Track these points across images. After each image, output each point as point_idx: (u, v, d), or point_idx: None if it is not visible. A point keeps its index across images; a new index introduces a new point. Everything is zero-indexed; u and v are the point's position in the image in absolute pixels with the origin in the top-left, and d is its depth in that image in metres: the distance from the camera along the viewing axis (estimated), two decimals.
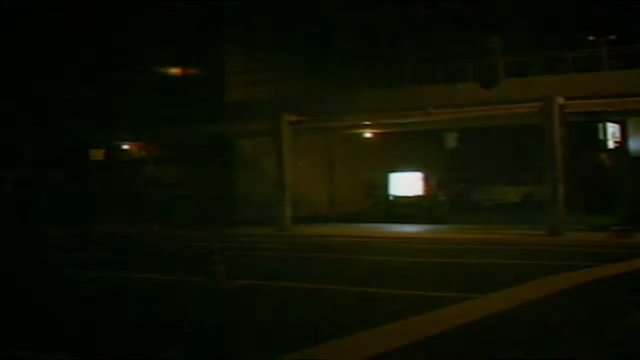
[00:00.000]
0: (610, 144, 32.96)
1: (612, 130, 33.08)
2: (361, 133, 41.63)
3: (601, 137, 32.67)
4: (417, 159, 42.91)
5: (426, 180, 40.92)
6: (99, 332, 12.99)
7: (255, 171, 41.34)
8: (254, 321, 13.82)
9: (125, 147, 46.03)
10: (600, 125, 32.72)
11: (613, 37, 32.97)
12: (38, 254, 27.02)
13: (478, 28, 36.79)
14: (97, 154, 45.89)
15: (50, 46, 44.58)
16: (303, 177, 38.61)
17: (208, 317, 14.21)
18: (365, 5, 42.43)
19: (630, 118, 35.28)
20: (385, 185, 41.58)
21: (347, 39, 44.15)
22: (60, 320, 14.05)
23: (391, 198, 41.38)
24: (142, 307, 15.57)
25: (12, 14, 44.24)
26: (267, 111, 36.70)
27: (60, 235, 35.00)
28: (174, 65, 45.23)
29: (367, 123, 38.26)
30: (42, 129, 44.11)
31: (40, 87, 44.64)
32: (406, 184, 41.18)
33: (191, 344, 11.87)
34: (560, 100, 31.10)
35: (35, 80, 44.61)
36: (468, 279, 19.02)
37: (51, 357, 11.29)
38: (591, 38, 33.56)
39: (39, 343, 12.10)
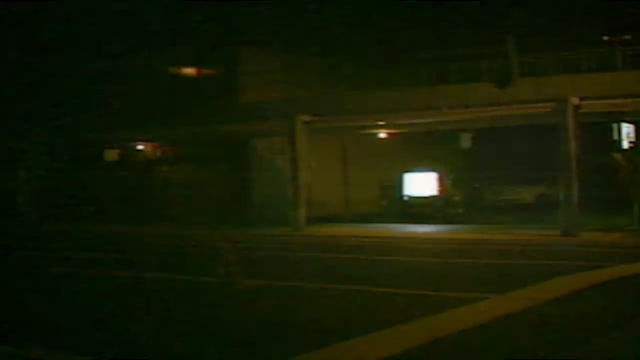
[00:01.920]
0: (625, 144, 32.91)
1: (627, 130, 33.05)
2: (376, 133, 41.65)
3: (616, 137, 32.64)
4: (432, 159, 42.87)
5: (440, 180, 40.87)
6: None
7: (270, 171, 41.40)
8: (265, 320, 13.91)
9: (140, 147, 46.15)
10: (615, 125, 32.69)
11: (628, 37, 32.95)
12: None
13: (492, 28, 36.73)
14: (112, 155, 46.04)
15: (64, 46, 44.73)
16: (318, 177, 38.63)
17: (224, 316, 14.30)
18: (379, 6, 42.43)
19: None
20: (399, 185, 41.55)
21: (362, 39, 44.13)
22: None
23: (406, 198, 41.35)
24: (155, 307, 15.67)
25: (24, 13, 44.35)
26: (282, 111, 36.73)
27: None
28: (188, 65, 45.33)
29: (382, 123, 38.29)
30: (55, 128, 44.31)
31: (54, 86, 44.84)
32: (420, 184, 41.14)
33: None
34: (575, 100, 31.05)
35: (46, 79, 44.81)
36: (483, 279, 19.03)
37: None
38: (605, 38, 33.54)
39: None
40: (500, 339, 11.89)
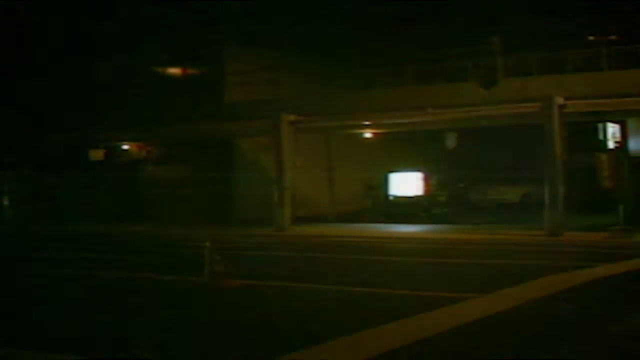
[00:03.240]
0: (611, 144, 32.91)
1: (612, 130, 33.05)
2: (361, 133, 41.60)
3: (601, 137, 32.64)
4: (417, 159, 42.85)
5: (426, 180, 40.85)
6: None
7: (255, 171, 41.29)
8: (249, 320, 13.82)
9: (125, 147, 45.99)
10: (601, 125, 32.70)
11: (613, 37, 32.96)
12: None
13: (478, 28, 36.74)
14: (97, 154, 45.84)
15: (49, 43, 44.54)
16: (302, 176, 38.56)
17: (205, 316, 14.21)
18: (365, 4, 42.39)
19: (630, 118, 35.27)
20: (384, 185, 41.52)
21: (347, 39, 44.06)
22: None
23: (391, 198, 41.32)
24: (139, 306, 15.57)
25: (10, 11, 44.14)
26: (267, 111, 36.68)
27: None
28: (173, 64, 45.20)
29: (367, 123, 38.24)
30: (39, 129, 44.15)
31: (37, 86, 44.66)
32: (406, 184, 41.11)
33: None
34: (560, 100, 31.10)
35: (30, 79, 44.63)
36: (465, 279, 18.99)
37: (51, 357, 11.25)
38: (591, 38, 33.54)
39: None
40: (485, 338, 11.82)
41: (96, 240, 33.50)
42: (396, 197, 41.17)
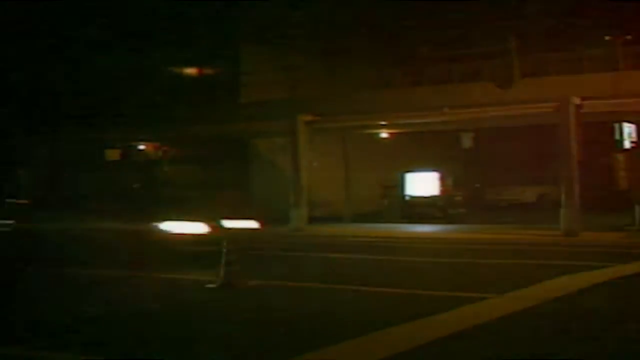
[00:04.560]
0: (627, 144, 32.84)
1: (629, 130, 32.97)
2: (377, 133, 41.64)
3: (617, 137, 32.57)
4: (433, 159, 42.85)
5: (442, 180, 40.85)
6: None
7: (272, 171, 41.36)
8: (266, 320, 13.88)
9: (142, 147, 46.09)
10: (617, 125, 32.62)
11: (629, 37, 32.91)
12: None
13: (494, 28, 36.70)
14: (114, 154, 45.94)
15: (63, 45, 44.65)
16: (319, 177, 38.62)
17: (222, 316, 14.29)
18: (381, 5, 42.36)
19: None
20: (401, 185, 41.52)
21: (364, 39, 44.04)
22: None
23: (407, 198, 41.32)
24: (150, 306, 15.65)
25: (22, 11, 44.23)
26: (283, 111, 36.73)
27: None
28: (189, 65, 45.28)
29: (383, 123, 38.29)
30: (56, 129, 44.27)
31: (53, 84, 44.83)
32: (422, 184, 41.11)
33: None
34: (577, 100, 31.06)
35: (45, 77, 44.80)
36: (483, 279, 19.02)
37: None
38: (608, 38, 33.48)
39: None
40: (499, 339, 11.84)
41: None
42: (412, 197, 41.17)
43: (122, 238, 23.20)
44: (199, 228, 23.81)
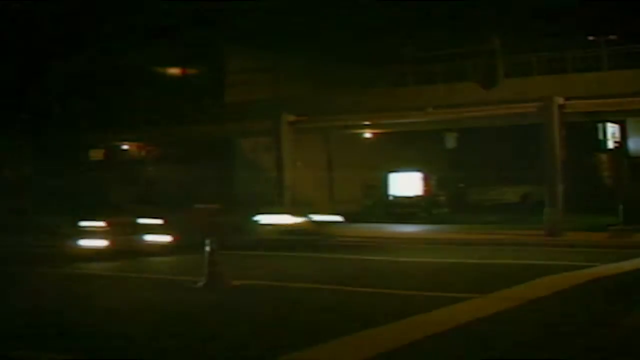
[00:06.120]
0: (610, 144, 32.97)
1: (612, 130, 33.11)
2: (361, 133, 41.64)
3: (601, 137, 32.69)
4: (417, 159, 42.88)
5: (425, 180, 40.92)
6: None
7: (255, 171, 41.29)
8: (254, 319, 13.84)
9: (125, 147, 45.98)
10: (600, 126, 32.74)
11: (613, 37, 32.99)
12: None
13: (478, 28, 36.75)
14: (97, 154, 45.83)
15: (49, 45, 44.47)
16: (302, 176, 38.58)
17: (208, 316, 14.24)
18: (364, 5, 42.34)
19: (629, 118, 35.30)
20: (384, 185, 41.55)
21: (347, 39, 44.02)
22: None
23: (391, 198, 41.36)
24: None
25: (14, 13, 44.04)
26: (267, 111, 36.70)
27: None
28: (173, 65, 45.19)
29: (367, 123, 38.28)
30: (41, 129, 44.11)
31: (41, 87, 44.65)
32: (405, 184, 41.18)
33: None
34: (560, 100, 31.12)
35: (33, 82, 44.64)
36: (464, 279, 19.02)
37: (51, 357, 11.26)
38: (591, 38, 33.58)
39: None
40: (483, 339, 11.81)
41: None
42: (396, 197, 41.22)
43: None
44: (287, 220, 28.36)
